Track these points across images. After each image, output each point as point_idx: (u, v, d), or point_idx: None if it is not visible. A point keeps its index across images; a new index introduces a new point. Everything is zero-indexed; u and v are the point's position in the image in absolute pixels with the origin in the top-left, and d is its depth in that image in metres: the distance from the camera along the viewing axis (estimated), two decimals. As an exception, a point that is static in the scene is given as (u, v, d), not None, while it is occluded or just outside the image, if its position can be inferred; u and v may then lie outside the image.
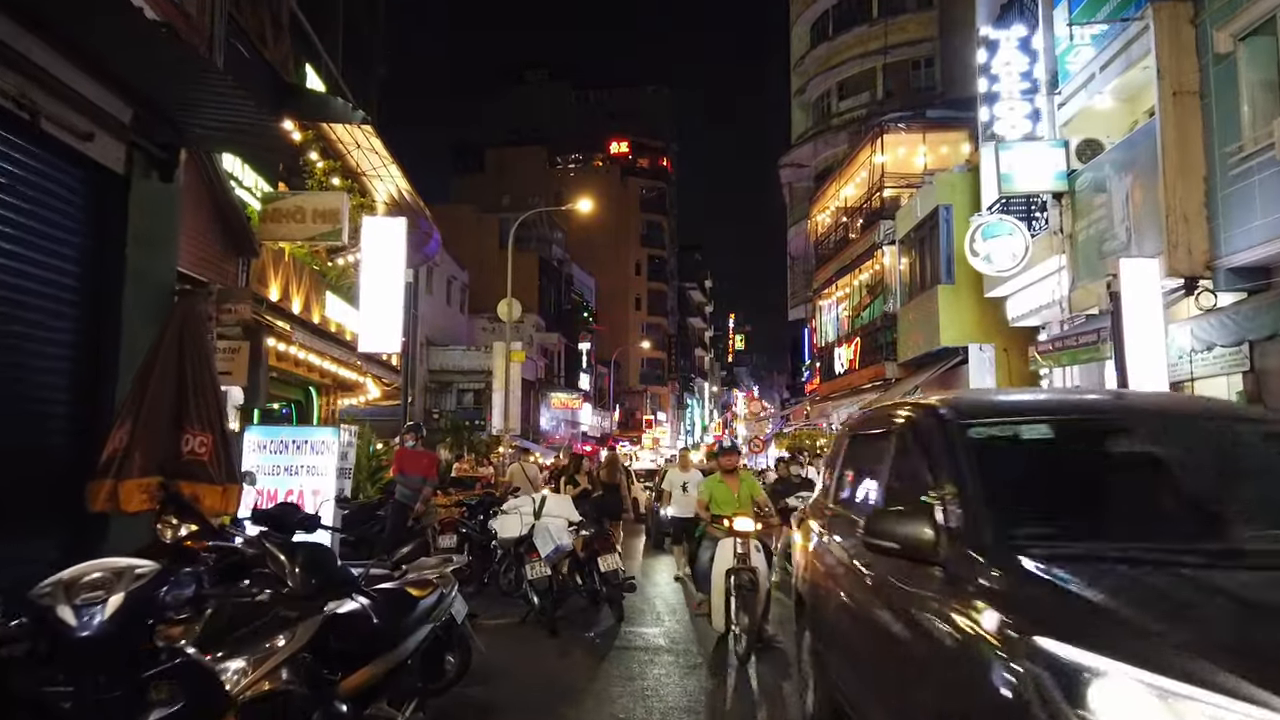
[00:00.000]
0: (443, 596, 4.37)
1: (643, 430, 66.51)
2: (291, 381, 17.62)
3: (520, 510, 8.11)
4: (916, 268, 20.20)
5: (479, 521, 10.54)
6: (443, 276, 38.84)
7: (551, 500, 8.35)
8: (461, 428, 28.50)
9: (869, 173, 23.25)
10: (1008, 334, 17.97)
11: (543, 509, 8.03)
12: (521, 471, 16.07)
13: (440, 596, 4.37)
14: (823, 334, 28.40)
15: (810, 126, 38.97)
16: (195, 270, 9.20)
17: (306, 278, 13.68)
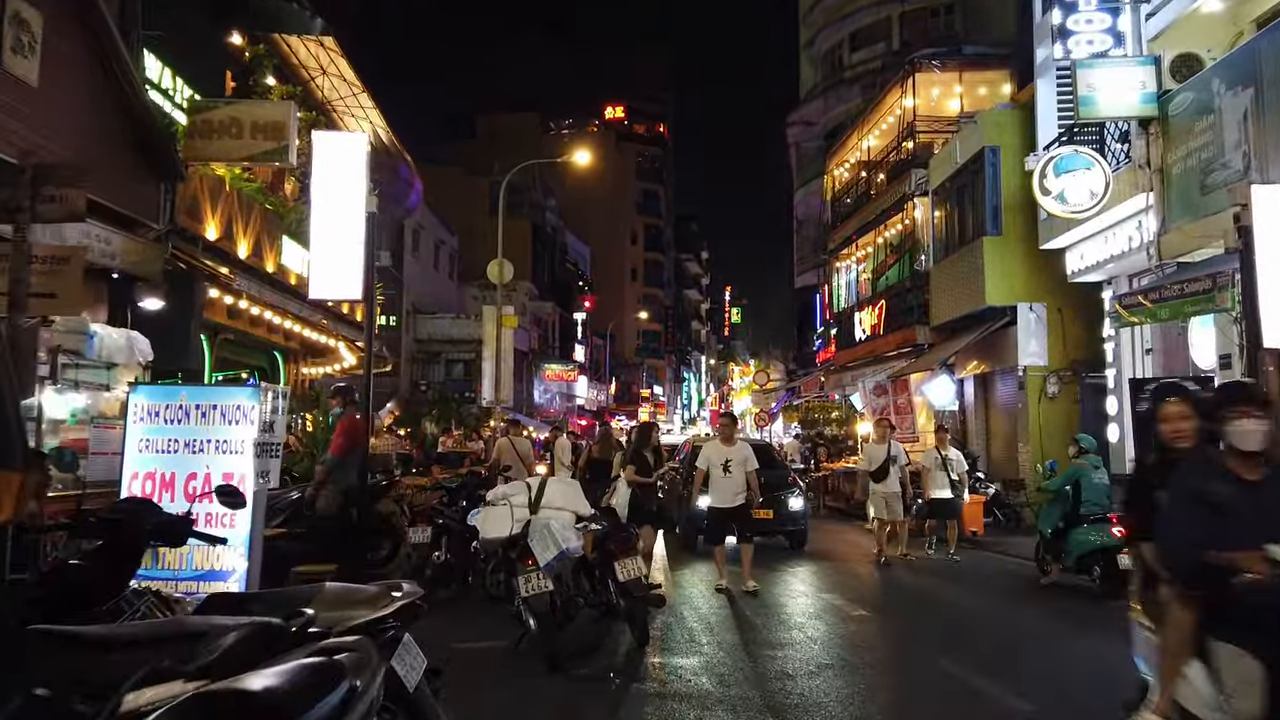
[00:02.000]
0: (354, 692, 2.28)
1: (639, 404, 64.57)
2: (250, 344, 15.51)
3: (510, 500, 5.90)
4: (954, 220, 18.10)
5: (460, 509, 8.49)
6: (430, 240, 36.60)
7: (553, 487, 6.09)
8: (449, 399, 26.39)
9: (897, 119, 21.06)
10: (1062, 292, 15.94)
11: (541, 499, 5.90)
12: (510, 447, 13.99)
13: (350, 692, 2.28)
14: (837, 299, 26.31)
15: (820, 81, 36.71)
16: (99, 194, 7.06)
17: (258, 218, 11.53)
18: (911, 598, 9.84)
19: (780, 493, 12.59)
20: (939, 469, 12.47)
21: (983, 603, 9.40)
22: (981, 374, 18.39)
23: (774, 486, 12.15)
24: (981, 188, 16.66)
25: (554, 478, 6.65)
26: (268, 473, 5.54)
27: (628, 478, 8.18)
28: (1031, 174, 14.85)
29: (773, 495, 11.93)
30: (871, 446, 12.60)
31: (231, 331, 13.98)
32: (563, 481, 6.61)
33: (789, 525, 12.85)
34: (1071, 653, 6.87)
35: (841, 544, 14.21)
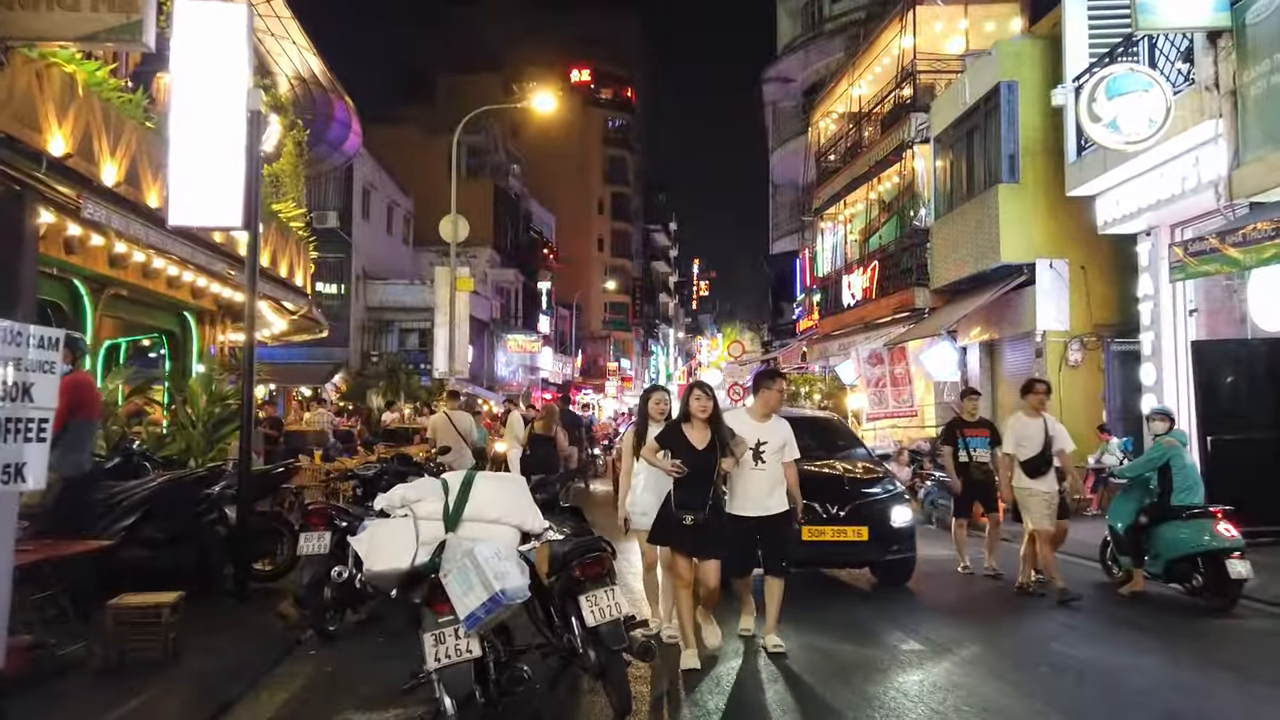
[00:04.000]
0: None
1: (606, 378, 62.63)
2: (150, 303, 13.21)
3: (414, 508, 3.79)
4: (961, 169, 16.19)
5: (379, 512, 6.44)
6: (382, 201, 34.14)
7: (485, 487, 3.91)
8: (398, 369, 24.12)
9: (894, 59, 19.05)
10: (1087, 246, 14.16)
11: (464, 505, 3.78)
12: (448, 424, 11.85)
13: None
14: (821, 263, 24.39)
15: (799, 34, 34.55)
16: None
17: (134, 140, 9.23)
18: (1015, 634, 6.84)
19: (873, 497, 7.91)
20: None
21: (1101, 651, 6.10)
22: (988, 341, 16.57)
23: (862, 486, 8.01)
24: (996, 129, 14.73)
25: (485, 473, 4.41)
26: (17, 465, 3.42)
27: (650, 457, 5.45)
28: (1061, 109, 13.10)
29: (864, 502, 7.76)
30: (1019, 421, 8.08)
31: (122, 285, 11.70)
32: (498, 478, 4.48)
33: (890, 551, 7.90)
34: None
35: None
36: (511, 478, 4.83)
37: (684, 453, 5.28)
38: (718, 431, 5.39)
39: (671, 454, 5.26)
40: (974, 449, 8.88)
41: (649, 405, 6.03)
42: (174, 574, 6.36)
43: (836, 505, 7.58)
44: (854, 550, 7.74)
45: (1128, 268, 13.54)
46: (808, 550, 7.29)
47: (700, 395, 5.45)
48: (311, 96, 16.14)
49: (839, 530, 7.55)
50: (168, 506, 6.45)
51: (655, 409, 5.98)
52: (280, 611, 6.01)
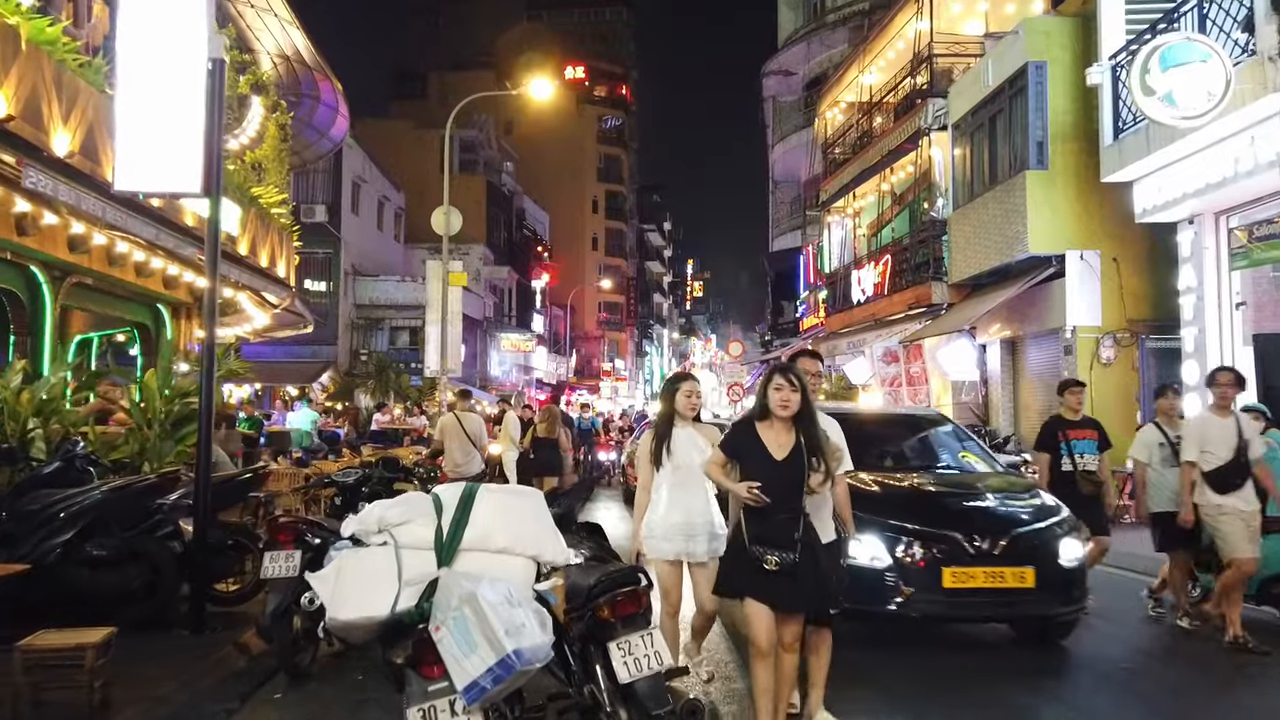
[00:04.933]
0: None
1: (600, 378, 61.71)
2: (120, 293, 12.27)
3: (395, 534, 2.82)
4: (983, 156, 15.36)
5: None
6: (372, 196, 33.17)
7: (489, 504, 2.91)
8: (388, 368, 23.16)
9: (909, 43, 18.20)
10: (1120, 236, 13.38)
11: (462, 529, 2.81)
12: (457, 426, 10.88)
13: None
14: (828, 258, 23.53)
15: (801, 26, 33.76)
16: None
17: (89, 105, 8.30)
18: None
19: (1036, 524, 5.92)
20: (1165, 463, 6.87)
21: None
22: (1010, 338, 15.73)
23: (1017, 508, 6.18)
24: (1022, 113, 13.90)
25: (491, 486, 3.28)
26: None
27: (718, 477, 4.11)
28: (1095, 90, 12.28)
29: (1025, 531, 5.81)
30: (1203, 421, 6.54)
31: (86, 273, 10.77)
32: (507, 493, 3.31)
33: (1064, 600, 5.86)
34: None
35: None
36: (525, 491, 3.50)
37: (759, 465, 3.90)
38: (807, 435, 3.97)
39: (741, 469, 3.93)
40: (1080, 454, 7.23)
41: (677, 398, 4.73)
42: (119, 599, 5.46)
43: (988, 537, 5.59)
44: (1016, 601, 5.65)
45: (1164, 259, 12.74)
46: (950, 602, 5.56)
47: (782, 384, 3.96)
48: (295, 76, 15.22)
49: (994, 573, 5.52)
50: (113, 519, 5.52)
51: (685, 403, 4.72)
52: (241, 643, 5.09)
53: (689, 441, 4.69)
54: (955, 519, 5.79)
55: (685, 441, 4.68)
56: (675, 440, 4.66)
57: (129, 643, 4.69)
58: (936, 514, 5.86)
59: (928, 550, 5.57)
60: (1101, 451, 7.27)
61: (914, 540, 5.60)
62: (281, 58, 14.74)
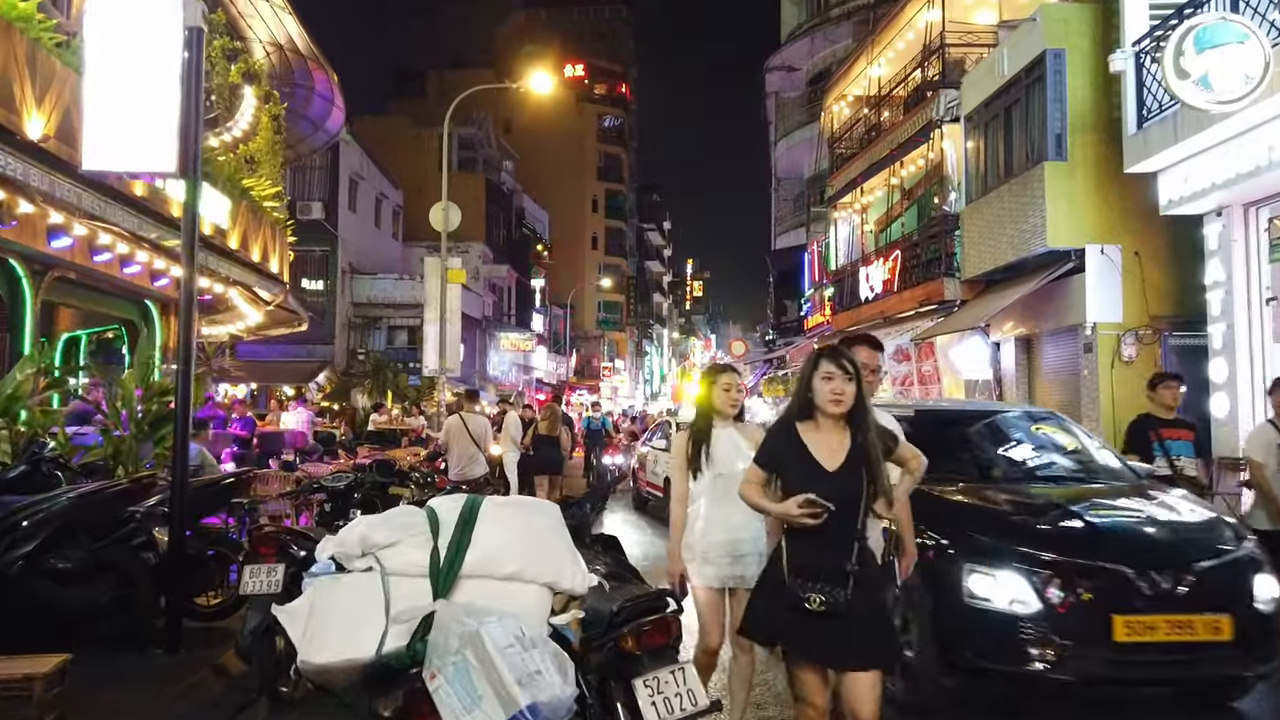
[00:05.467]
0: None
1: (600, 378, 61.25)
2: (106, 289, 11.83)
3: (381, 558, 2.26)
4: (998, 148, 14.90)
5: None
6: (370, 193, 32.72)
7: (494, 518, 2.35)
8: (385, 367, 22.69)
9: (919, 34, 17.76)
10: (1141, 230, 12.90)
11: (463, 551, 2.24)
12: (462, 427, 10.48)
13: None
14: (834, 255, 23.08)
15: (804, 20, 33.31)
16: None
17: (65, 87, 7.84)
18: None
19: (1224, 556, 4.63)
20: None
21: None
22: (1024, 336, 15.28)
23: (1198, 535, 4.82)
24: (1040, 103, 13.44)
25: (497, 500, 2.75)
26: None
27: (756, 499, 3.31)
28: (1118, 78, 11.85)
29: (1213, 565, 4.52)
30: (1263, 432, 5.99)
31: (68, 267, 10.32)
32: (517, 507, 2.73)
33: (1253, 658, 4.48)
34: None
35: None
36: (538, 505, 2.81)
37: (804, 478, 3.09)
38: (865, 438, 3.16)
39: (783, 485, 3.16)
40: (1177, 456, 6.36)
41: (714, 393, 4.02)
42: (87, 614, 4.99)
43: (1168, 572, 4.30)
44: (1204, 658, 4.32)
45: (1188, 254, 12.29)
46: (1121, 661, 4.23)
47: (833, 372, 3.13)
48: (289, 66, 14.75)
49: (1180, 622, 4.22)
50: (81, 528, 5.07)
51: (724, 399, 4.01)
52: (219, 665, 4.64)
53: (731, 444, 3.99)
54: (1121, 547, 4.44)
55: (727, 444, 3.99)
56: (715, 443, 3.97)
57: (96, 664, 4.26)
58: (1094, 540, 4.51)
59: (1089, 591, 4.22)
60: (1199, 454, 6.39)
61: (1070, 577, 4.24)
62: (274, 46, 14.28)
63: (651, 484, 13.56)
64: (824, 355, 3.24)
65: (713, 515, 3.90)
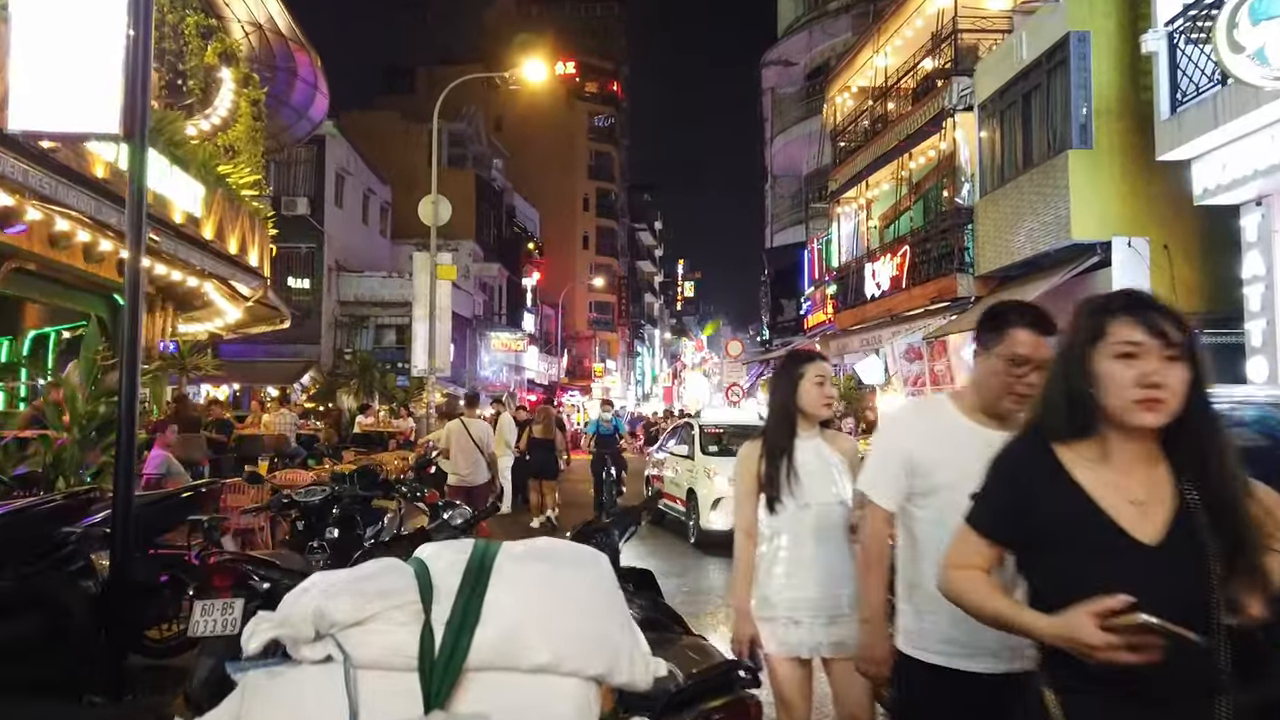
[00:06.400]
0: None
1: (591, 379, 60.50)
2: (71, 282, 11.02)
3: (340, 637, 1.40)
4: (1015, 137, 14.25)
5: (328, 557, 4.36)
6: (357, 189, 31.89)
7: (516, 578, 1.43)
8: (372, 367, 21.87)
9: (928, 20, 17.08)
10: (1171, 221, 12.27)
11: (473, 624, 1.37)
12: (462, 431, 9.83)
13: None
14: (837, 252, 22.39)
15: (802, 14, 32.67)
16: None
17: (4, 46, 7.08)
18: None
19: None
20: None
21: None
22: (1042, 334, 14.60)
23: None
24: (1063, 88, 12.77)
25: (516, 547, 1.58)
26: None
27: (986, 602, 1.75)
28: (1150, 59, 11.23)
29: None
30: None
31: (27, 257, 9.51)
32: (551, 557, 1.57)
33: None
34: None
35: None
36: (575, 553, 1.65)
37: (1092, 559, 1.65)
38: (1214, 474, 1.66)
39: (1039, 569, 1.74)
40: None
41: (801, 389, 2.98)
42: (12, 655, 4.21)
43: None
44: None
45: (1221, 246, 11.65)
46: None
47: (1141, 343, 1.64)
48: (270, 48, 13.97)
49: None
50: (7, 552, 4.29)
51: (816, 396, 2.98)
52: (164, 717, 3.87)
53: (820, 462, 3.00)
54: None
55: (814, 461, 2.99)
56: (800, 459, 2.97)
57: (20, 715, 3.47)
58: None
59: None
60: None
61: None
62: (253, 26, 13.49)
63: (670, 494, 12.20)
64: (1119, 309, 1.70)
65: (801, 560, 2.94)
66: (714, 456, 11.29)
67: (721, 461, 10.86)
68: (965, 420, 2.44)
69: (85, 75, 4.32)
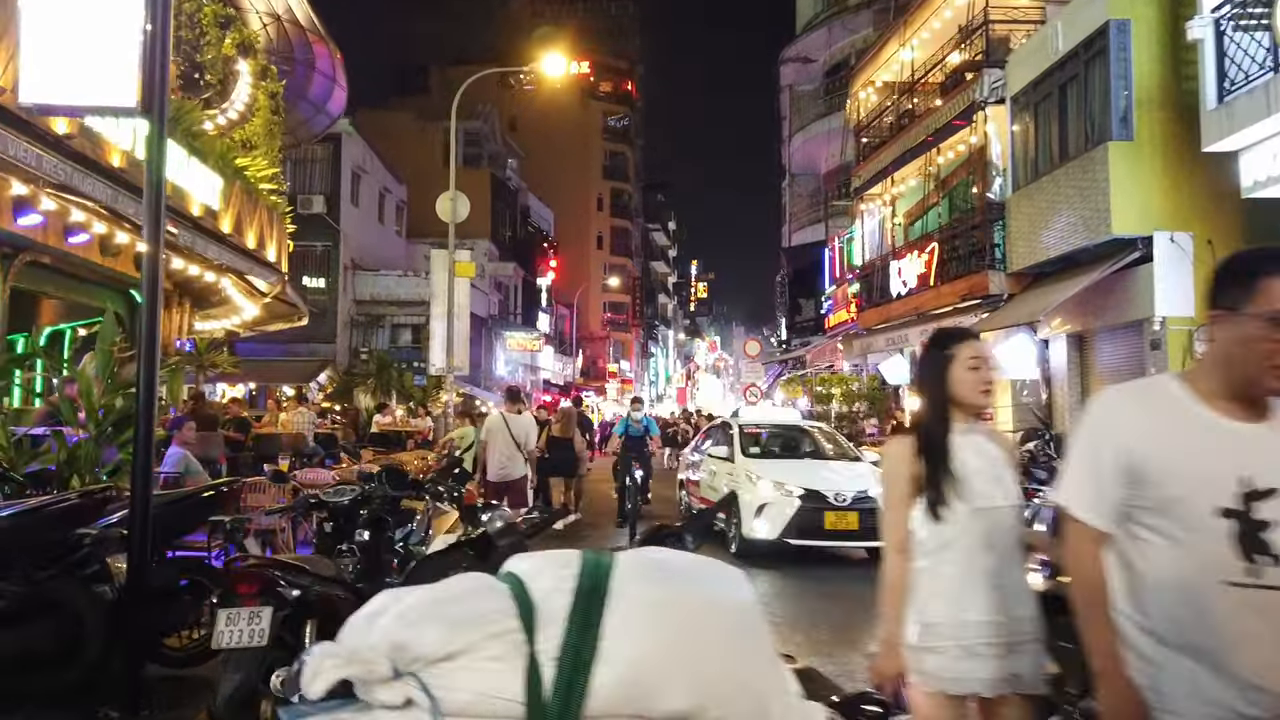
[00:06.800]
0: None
1: (606, 380, 60.25)
2: (87, 276, 10.79)
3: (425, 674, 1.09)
4: (1049, 130, 13.88)
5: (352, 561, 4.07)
6: (373, 187, 31.67)
7: (636, 606, 1.10)
8: (389, 366, 21.63)
9: (957, 11, 16.72)
10: (1215, 215, 11.91)
11: (591, 659, 1.07)
12: (502, 424, 9.85)
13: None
14: (860, 249, 22.02)
15: (821, 10, 32.33)
16: None
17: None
18: None
19: None
20: None
21: None
22: (1076, 333, 14.21)
23: None
24: (1102, 79, 12.39)
25: (631, 564, 1.21)
26: None
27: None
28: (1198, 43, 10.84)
29: None
30: None
31: (42, 250, 9.27)
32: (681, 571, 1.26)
33: None
34: None
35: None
36: (706, 568, 1.31)
37: None
38: None
39: None
40: None
41: (952, 373, 2.53)
42: (24, 665, 3.93)
43: None
44: None
45: (1267, 241, 11.24)
46: None
47: None
48: (288, 39, 13.74)
49: None
50: (18, 555, 4.01)
51: (972, 383, 2.52)
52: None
53: (983, 460, 2.53)
54: None
55: (977, 459, 2.52)
56: (960, 458, 2.51)
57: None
58: None
59: None
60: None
61: None
62: (272, 17, 13.26)
63: (707, 500, 11.29)
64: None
65: (973, 577, 2.45)
66: (756, 459, 10.73)
67: (765, 464, 10.32)
68: (1205, 410, 1.90)
69: (100, 46, 4.04)
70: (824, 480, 9.73)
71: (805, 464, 10.81)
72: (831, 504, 9.32)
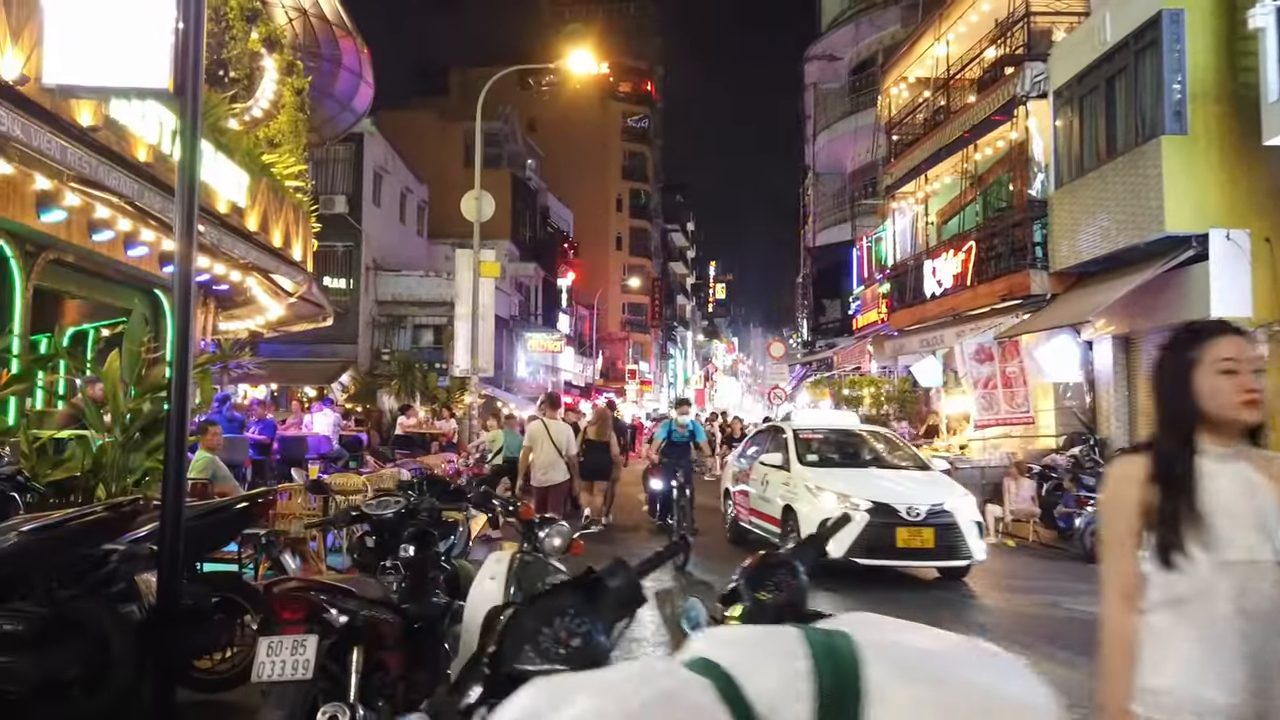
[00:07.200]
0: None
1: (625, 381, 59.92)
2: (110, 275, 10.54)
3: None
4: (1096, 124, 13.43)
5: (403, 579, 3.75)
6: (394, 187, 31.48)
7: (897, 709, 0.78)
8: (412, 368, 21.37)
9: (997, 4, 16.28)
10: (1274, 212, 11.48)
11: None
12: (543, 431, 9.96)
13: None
14: (892, 249, 21.59)
15: (848, 7, 31.85)
16: None
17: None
18: None
19: None
20: None
21: None
22: (1123, 335, 13.75)
23: None
24: (1154, 71, 11.95)
25: (880, 643, 0.87)
26: None
27: None
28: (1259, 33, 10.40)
29: None
30: None
31: (64, 248, 9.03)
32: (952, 659, 0.92)
33: None
34: None
35: None
36: (997, 667, 0.93)
37: None
38: None
39: None
40: None
41: (1199, 379, 1.99)
42: (47, 691, 3.63)
43: None
44: None
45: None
46: None
47: None
48: (314, 34, 13.47)
49: None
50: (40, 573, 3.71)
51: (1229, 392, 1.97)
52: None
53: (1244, 493, 1.98)
54: None
55: (1234, 496, 1.98)
56: (1212, 491, 1.98)
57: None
58: None
59: None
60: None
61: None
62: (298, 11, 13.00)
63: (759, 513, 10.36)
64: None
65: (1217, 641, 1.93)
66: (814, 468, 9.86)
67: (826, 474, 9.51)
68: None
69: (129, 23, 3.74)
70: (893, 492, 8.87)
71: (871, 474, 9.84)
72: (904, 519, 8.50)
